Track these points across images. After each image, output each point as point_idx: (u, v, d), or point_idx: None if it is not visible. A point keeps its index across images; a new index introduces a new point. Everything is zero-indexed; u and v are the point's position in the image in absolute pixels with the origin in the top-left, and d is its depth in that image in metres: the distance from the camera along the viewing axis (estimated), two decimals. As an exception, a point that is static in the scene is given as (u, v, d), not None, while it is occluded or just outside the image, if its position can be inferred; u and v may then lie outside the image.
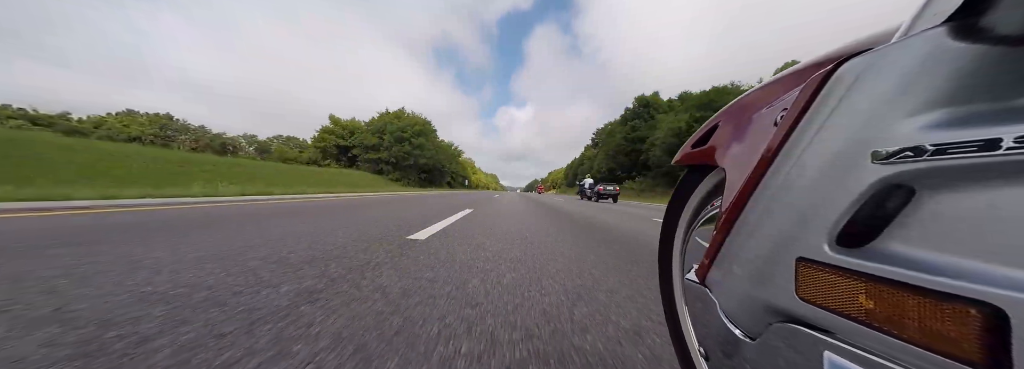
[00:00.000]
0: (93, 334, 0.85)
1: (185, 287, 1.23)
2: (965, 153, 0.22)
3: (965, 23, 0.24)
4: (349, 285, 1.35)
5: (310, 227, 2.87)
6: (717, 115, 0.57)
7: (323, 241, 2.25)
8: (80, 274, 1.32)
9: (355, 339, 0.90)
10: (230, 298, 1.14)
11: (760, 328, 0.34)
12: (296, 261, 1.68)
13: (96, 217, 2.97)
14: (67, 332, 0.85)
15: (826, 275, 0.28)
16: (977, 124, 0.22)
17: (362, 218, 3.78)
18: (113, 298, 1.09)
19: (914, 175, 0.24)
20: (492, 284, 1.46)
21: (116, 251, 1.72)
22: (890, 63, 0.27)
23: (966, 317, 0.20)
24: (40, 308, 0.99)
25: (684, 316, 0.67)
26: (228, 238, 2.19)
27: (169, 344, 0.82)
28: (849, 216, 0.27)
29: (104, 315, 0.96)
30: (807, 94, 0.33)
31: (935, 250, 0.24)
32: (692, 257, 0.61)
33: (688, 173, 0.69)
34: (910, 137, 0.24)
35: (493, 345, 0.90)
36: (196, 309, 1.03)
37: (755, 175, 0.37)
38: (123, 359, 0.75)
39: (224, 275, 1.39)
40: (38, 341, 0.81)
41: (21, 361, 0.73)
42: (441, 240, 2.53)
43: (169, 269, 1.44)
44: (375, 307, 1.13)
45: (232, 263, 1.58)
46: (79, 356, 0.75)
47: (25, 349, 0.77)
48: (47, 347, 0.78)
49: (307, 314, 1.04)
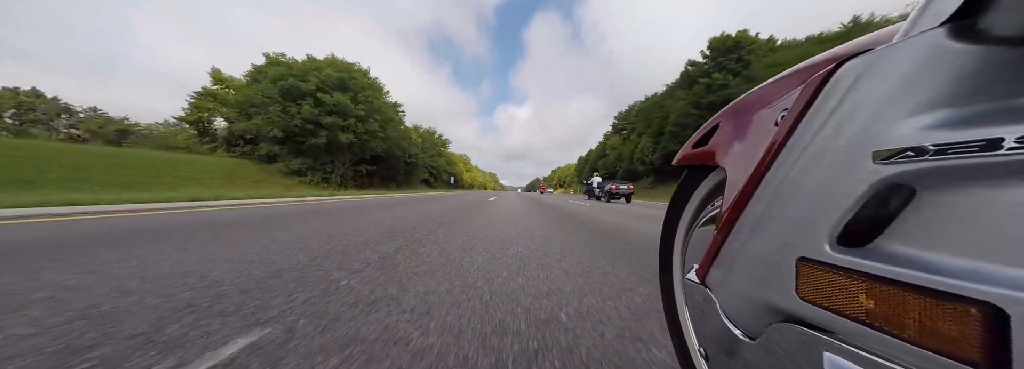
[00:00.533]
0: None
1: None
2: (966, 153, 0.22)
3: (965, 24, 0.24)
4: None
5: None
6: (717, 115, 0.57)
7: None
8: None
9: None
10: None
11: (760, 328, 0.34)
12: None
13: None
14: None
15: (827, 275, 0.28)
16: (978, 124, 0.22)
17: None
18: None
19: (915, 175, 0.24)
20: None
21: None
22: (891, 63, 0.27)
23: (967, 317, 0.20)
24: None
25: (684, 316, 0.67)
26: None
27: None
28: (850, 216, 0.27)
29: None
30: (808, 94, 0.33)
31: (936, 250, 0.24)
32: (692, 257, 0.61)
33: (688, 173, 0.69)
34: (911, 137, 0.24)
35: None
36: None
37: (756, 175, 0.37)
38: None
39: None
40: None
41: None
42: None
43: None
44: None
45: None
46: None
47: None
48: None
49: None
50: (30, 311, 1.12)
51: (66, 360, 0.83)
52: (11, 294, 1.27)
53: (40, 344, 0.90)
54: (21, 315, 1.08)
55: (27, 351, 0.87)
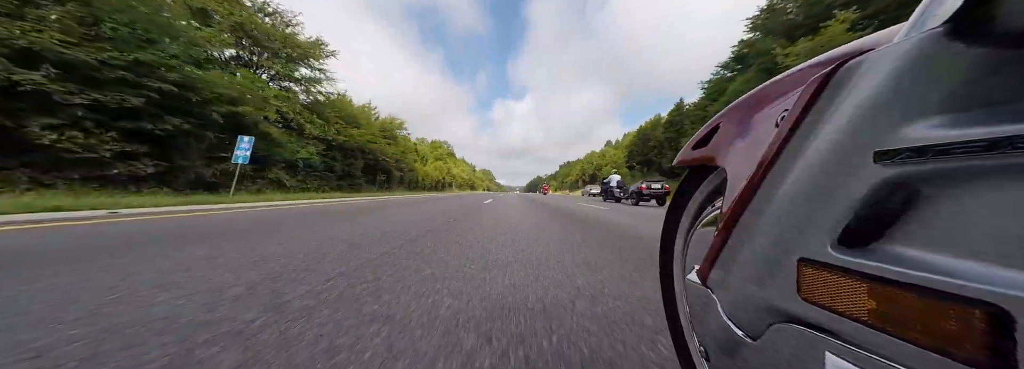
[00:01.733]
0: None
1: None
2: (966, 154, 0.22)
3: (965, 25, 0.24)
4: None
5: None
6: (718, 116, 0.58)
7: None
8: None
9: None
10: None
11: (761, 328, 0.34)
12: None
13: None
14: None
15: (828, 275, 0.28)
16: (978, 125, 0.22)
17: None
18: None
19: (916, 176, 0.24)
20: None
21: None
22: (891, 64, 0.27)
23: (969, 317, 0.20)
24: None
25: (685, 316, 0.67)
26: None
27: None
28: (851, 216, 0.27)
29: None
30: (808, 95, 0.34)
31: (937, 250, 0.24)
32: (693, 258, 0.61)
33: (689, 174, 0.69)
34: (912, 138, 0.24)
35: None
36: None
37: (757, 176, 0.37)
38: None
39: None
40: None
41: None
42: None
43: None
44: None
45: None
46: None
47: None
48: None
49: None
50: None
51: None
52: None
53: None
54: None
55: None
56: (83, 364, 0.83)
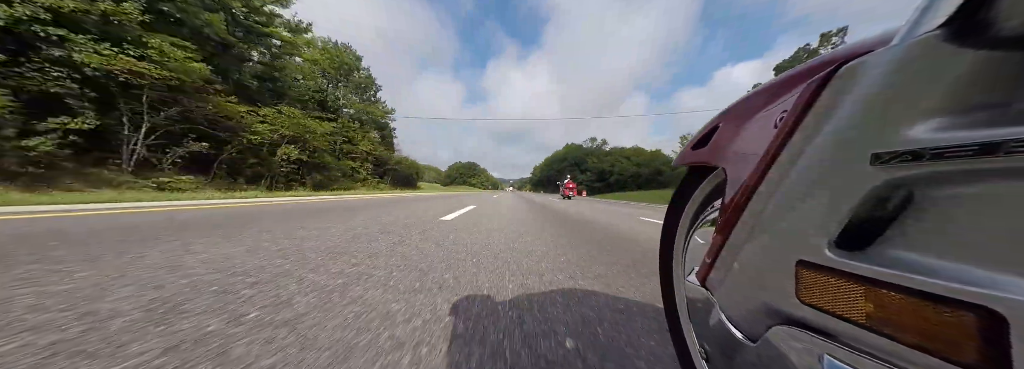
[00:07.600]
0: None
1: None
2: (964, 156, 0.22)
3: (964, 26, 0.24)
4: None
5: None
6: (717, 116, 0.57)
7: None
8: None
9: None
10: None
11: (760, 330, 0.34)
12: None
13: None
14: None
15: (826, 278, 0.28)
16: (976, 127, 0.22)
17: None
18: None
19: (913, 178, 0.24)
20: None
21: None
22: (889, 66, 0.27)
23: (965, 321, 0.20)
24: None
25: (685, 317, 0.67)
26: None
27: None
28: (849, 219, 0.27)
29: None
30: (807, 96, 0.33)
31: (934, 253, 0.24)
32: (693, 258, 0.61)
33: (688, 174, 0.69)
34: (909, 140, 0.24)
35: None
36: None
37: (755, 177, 0.37)
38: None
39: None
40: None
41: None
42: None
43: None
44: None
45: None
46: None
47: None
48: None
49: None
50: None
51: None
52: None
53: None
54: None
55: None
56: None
